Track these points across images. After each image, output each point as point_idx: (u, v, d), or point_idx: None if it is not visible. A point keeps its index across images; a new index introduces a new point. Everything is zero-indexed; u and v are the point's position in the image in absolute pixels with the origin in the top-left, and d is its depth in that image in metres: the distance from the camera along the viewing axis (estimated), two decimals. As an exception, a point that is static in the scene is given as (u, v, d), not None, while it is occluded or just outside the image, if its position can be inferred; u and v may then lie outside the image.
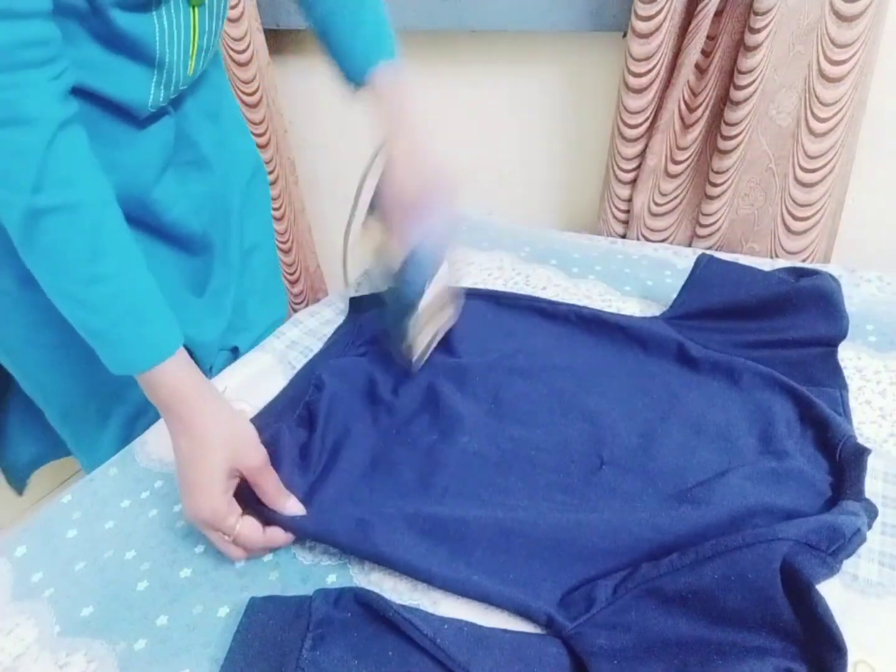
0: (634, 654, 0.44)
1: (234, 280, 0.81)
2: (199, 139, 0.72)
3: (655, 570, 0.47)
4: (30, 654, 0.49)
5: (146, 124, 0.65)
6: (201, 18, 0.62)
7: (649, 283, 0.88)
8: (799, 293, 0.72)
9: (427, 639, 0.44)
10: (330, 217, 1.55)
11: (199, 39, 0.63)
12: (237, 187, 0.81)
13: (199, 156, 0.73)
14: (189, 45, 0.62)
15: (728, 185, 0.97)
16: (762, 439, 0.61)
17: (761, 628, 0.44)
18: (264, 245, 0.88)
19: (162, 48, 0.59)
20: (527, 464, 0.61)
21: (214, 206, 0.76)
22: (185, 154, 0.71)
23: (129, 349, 0.53)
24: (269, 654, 0.45)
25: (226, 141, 0.77)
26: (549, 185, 1.26)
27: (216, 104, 0.75)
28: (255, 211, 0.84)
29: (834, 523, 0.47)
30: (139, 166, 0.65)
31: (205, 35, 0.64)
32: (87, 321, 0.53)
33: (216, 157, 0.75)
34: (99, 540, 0.58)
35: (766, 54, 0.87)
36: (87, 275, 0.51)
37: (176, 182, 0.70)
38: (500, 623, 0.48)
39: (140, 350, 0.53)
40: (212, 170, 0.75)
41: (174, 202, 0.70)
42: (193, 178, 0.73)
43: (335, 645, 0.45)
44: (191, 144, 0.71)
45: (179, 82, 0.64)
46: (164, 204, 0.68)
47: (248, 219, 0.83)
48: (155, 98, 0.62)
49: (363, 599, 0.47)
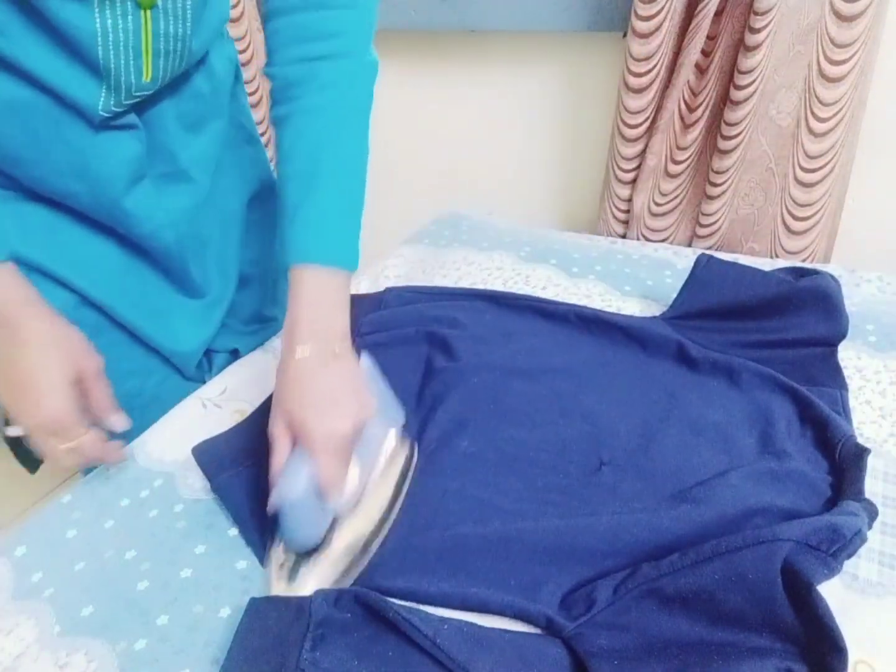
0: (635, 655, 0.44)
1: (231, 289, 0.79)
2: (177, 151, 0.68)
3: (656, 571, 0.47)
4: (30, 654, 0.49)
5: (106, 132, 0.61)
6: (155, 20, 0.56)
7: (649, 283, 0.88)
8: (799, 293, 0.72)
9: (427, 639, 0.44)
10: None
11: (154, 43, 0.57)
12: (237, 202, 0.78)
13: (178, 168, 0.69)
14: (140, 48, 0.57)
15: (728, 185, 0.97)
16: (762, 439, 0.61)
17: (762, 629, 0.44)
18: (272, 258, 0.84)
19: (105, 51, 0.55)
20: (526, 464, 0.61)
21: (199, 218, 0.72)
22: (160, 166, 0.67)
23: None
24: (270, 655, 0.45)
25: (215, 154, 0.73)
26: (549, 185, 1.26)
27: (203, 115, 0.71)
28: (260, 227, 0.81)
29: (834, 524, 0.47)
30: (105, 175, 0.62)
31: (161, 38, 0.58)
32: None
33: (200, 171, 0.71)
34: (99, 540, 0.58)
35: (766, 54, 0.87)
36: None
37: (150, 194, 0.66)
38: (499, 625, 0.48)
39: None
40: (194, 182, 0.70)
41: (149, 215, 0.66)
42: (171, 191, 0.68)
43: (335, 645, 0.45)
44: (168, 157, 0.67)
45: (133, 88, 0.59)
46: (137, 216, 0.65)
47: (252, 234, 0.81)
48: (105, 103, 0.58)
49: (363, 600, 0.47)
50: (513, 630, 0.47)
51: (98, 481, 0.64)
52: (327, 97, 0.59)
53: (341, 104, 0.60)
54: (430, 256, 0.98)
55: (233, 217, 0.79)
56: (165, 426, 0.70)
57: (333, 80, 0.59)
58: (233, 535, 0.58)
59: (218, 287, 0.78)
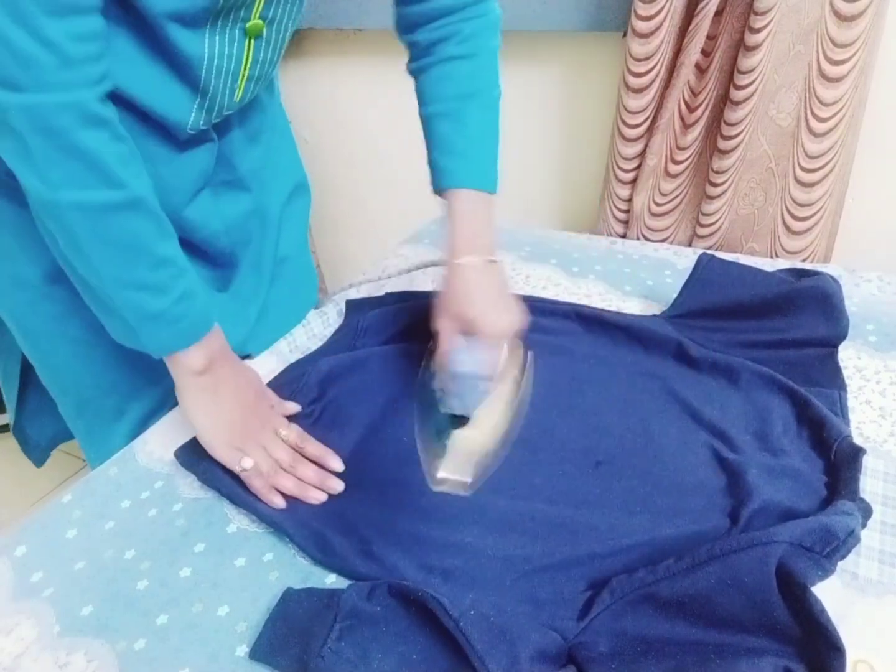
0: (632, 658, 0.44)
1: (265, 288, 0.81)
2: (238, 161, 0.72)
3: (652, 576, 0.47)
4: (30, 654, 0.49)
5: (187, 147, 0.64)
6: (256, 49, 0.61)
7: (649, 283, 0.88)
8: (799, 293, 0.72)
9: (452, 620, 0.43)
10: (330, 217, 1.56)
11: (251, 69, 0.62)
12: (276, 202, 0.81)
13: (237, 177, 0.73)
14: (239, 74, 0.61)
15: (728, 185, 0.97)
16: (759, 437, 0.61)
17: (759, 631, 0.44)
18: (297, 255, 0.88)
19: (208, 74, 0.58)
20: (522, 463, 0.61)
21: (248, 224, 0.76)
22: (222, 175, 0.71)
23: (186, 324, 0.58)
24: (296, 642, 0.46)
25: (267, 160, 0.77)
26: (549, 185, 1.26)
27: (261, 125, 0.74)
28: (292, 222, 0.84)
29: (828, 525, 0.47)
30: (175, 186, 0.65)
31: (258, 65, 0.62)
32: (148, 303, 0.56)
33: (254, 178, 0.75)
34: (99, 540, 0.58)
35: (766, 54, 0.87)
36: (155, 259, 0.55)
37: (210, 202, 0.70)
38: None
39: (196, 324, 0.59)
40: (249, 190, 0.75)
41: (206, 222, 0.70)
42: (228, 198, 0.72)
43: (362, 637, 0.45)
44: (229, 166, 0.71)
45: (224, 108, 0.63)
46: (195, 223, 0.69)
47: (284, 230, 0.83)
48: (195, 121, 0.61)
49: (395, 590, 0.47)
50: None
51: (98, 481, 0.64)
52: (471, 47, 0.67)
53: (483, 51, 0.68)
54: (430, 256, 0.98)
55: (271, 218, 0.80)
56: (167, 426, 0.70)
57: (474, 32, 0.67)
58: (232, 533, 0.58)
59: (253, 285, 0.80)
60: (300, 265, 0.89)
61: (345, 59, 1.32)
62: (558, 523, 0.55)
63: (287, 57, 1.36)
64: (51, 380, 0.77)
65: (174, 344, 0.58)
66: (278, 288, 0.84)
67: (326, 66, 1.36)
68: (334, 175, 1.49)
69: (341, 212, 1.55)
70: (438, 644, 0.44)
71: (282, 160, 0.81)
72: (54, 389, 0.78)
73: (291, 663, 0.45)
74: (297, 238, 0.87)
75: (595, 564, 0.51)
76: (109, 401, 0.76)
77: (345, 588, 0.48)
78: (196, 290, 0.59)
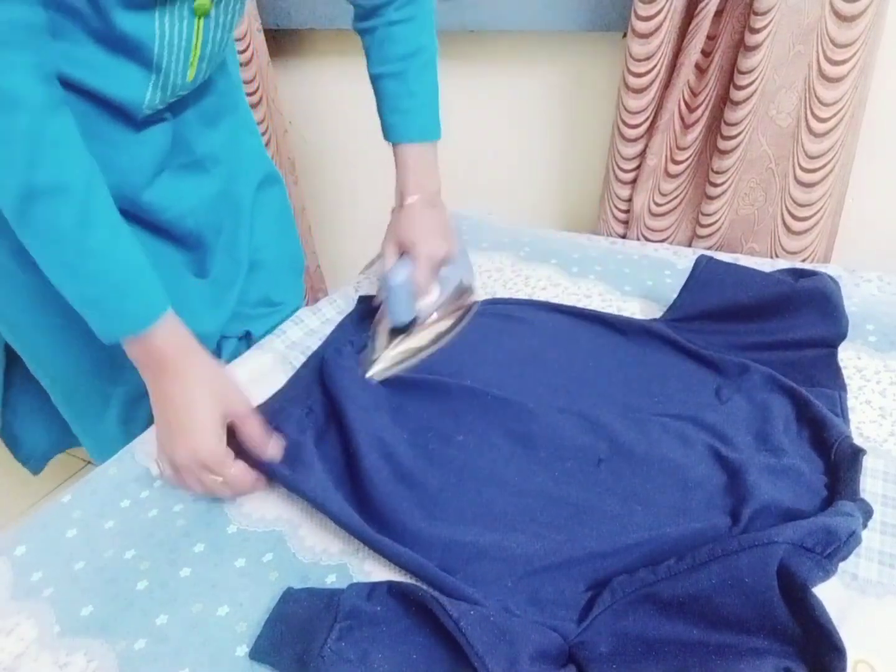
0: (632, 658, 0.44)
1: (242, 274, 0.83)
2: (195, 144, 0.73)
3: (653, 576, 0.47)
4: (30, 653, 0.49)
5: (142, 127, 0.66)
6: (206, 28, 0.63)
7: (649, 284, 0.88)
8: (799, 294, 0.72)
9: (451, 620, 0.43)
10: (330, 217, 1.56)
11: (202, 48, 0.64)
12: (246, 190, 0.83)
13: (194, 159, 0.74)
14: (190, 52, 0.63)
15: (728, 185, 0.97)
16: (759, 437, 0.61)
17: (760, 631, 0.44)
18: (277, 243, 0.89)
19: (160, 52, 0.60)
20: (523, 461, 0.61)
21: (218, 209, 0.78)
22: (179, 157, 0.72)
23: (118, 318, 0.57)
24: (295, 641, 0.46)
25: (230, 147, 0.79)
26: (549, 185, 1.26)
27: (217, 109, 0.76)
28: (265, 210, 0.86)
29: (829, 525, 0.46)
30: (132, 168, 0.66)
31: (208, 45, 0.64)
32: (81, 292, 0.57)
33: (214, 162, 0.76)
34: (99, 540, 0.58)
35: (766, 54, 0.87)
36: (79, 250, 0.55)
37: (170, 184, 0.71)
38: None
39: (128, 318, 0.57)
40: (208, 172, 0.76)
41: (168, 204, 0.71)
42: (189, 181, 0.74)
43: (362, 638, 0.45)
44: (187, 148, 0.72)
45: (177, 87, 0.65)
46: (157, 206, 0.70)
47: (259, 218, 0.85)
48: (151, 100, 0.63)
49: (395, 590, 0.47)
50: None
51: (98, 481, 0.64)
52: (409, 11, 0.74)
53: (420, 13, 0.75)
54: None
55: (242, 205, 0.82)
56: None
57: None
58: (232, 534, 0.58)
59: (230, 271, 0.81)
60: (282, 253, 0.91)
61: (345, 59, 1.32)
62: (559, 523, 0.55)
63: (287, 57, 1.36)
64: (38, 370, 0.79)
65: (112, 334, 0.58)
66: (258, 274, 0.85)
67: (326, 66, 1.36)
68: (334, 175, 1.49)
69: (341, 212, 1.55)
70: (438, 644, 0.44)
71: (245, 149, 0.83)
72: (43, 379, 0.80)
73: (291, 663, 0.45)
74: (275, 226, 0.89)
75: (596, 564, 0.51)
76: (93, 385, 0.78)
77: (345, 588, 0.48)
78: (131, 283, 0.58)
